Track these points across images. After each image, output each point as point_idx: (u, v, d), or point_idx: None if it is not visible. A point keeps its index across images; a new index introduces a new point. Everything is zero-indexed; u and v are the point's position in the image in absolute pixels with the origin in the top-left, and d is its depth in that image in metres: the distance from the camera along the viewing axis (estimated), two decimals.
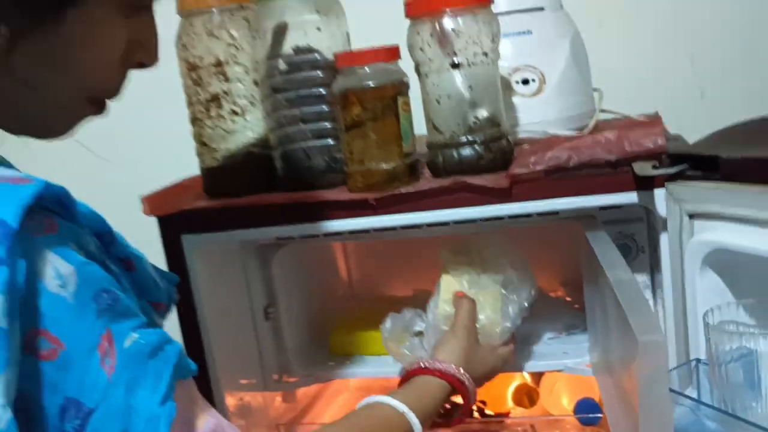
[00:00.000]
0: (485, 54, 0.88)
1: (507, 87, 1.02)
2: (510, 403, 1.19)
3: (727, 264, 0.75)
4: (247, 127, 0.97)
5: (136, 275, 0.63)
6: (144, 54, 0.64)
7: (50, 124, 0.63)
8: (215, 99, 0.96)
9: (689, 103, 1.31)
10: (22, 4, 0.56)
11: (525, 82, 1.03)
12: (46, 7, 0.57)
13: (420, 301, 1.02)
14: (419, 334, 1.00)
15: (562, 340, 1.09)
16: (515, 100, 1.03)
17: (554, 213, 0.90)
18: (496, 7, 0.96)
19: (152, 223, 0.97)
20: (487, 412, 1.18)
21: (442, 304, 0.97)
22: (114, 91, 0.63)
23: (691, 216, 0.77)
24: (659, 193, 0.82)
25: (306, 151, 0.94)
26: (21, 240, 0.51)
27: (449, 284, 0.99)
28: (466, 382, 0.86)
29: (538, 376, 1.19)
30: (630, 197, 0.84)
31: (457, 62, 0.88)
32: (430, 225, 0.92)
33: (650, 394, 0.57)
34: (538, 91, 1.03)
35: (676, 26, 1.31)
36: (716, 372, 0.74)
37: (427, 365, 0.86)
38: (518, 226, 0.96)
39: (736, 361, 0.73)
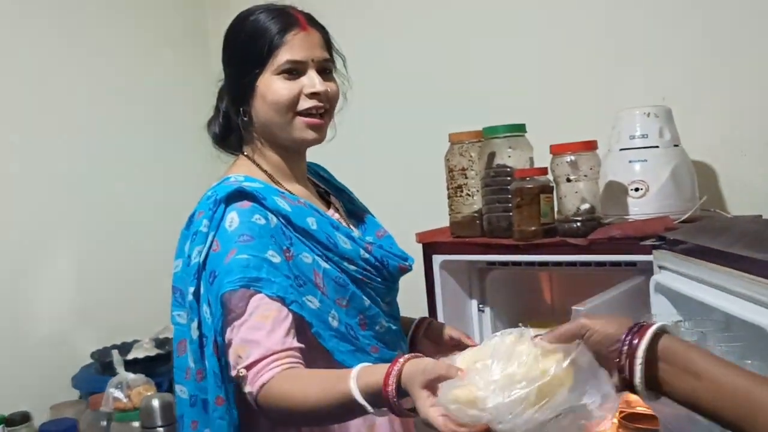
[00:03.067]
0: (586, 175, 1.67)
1: (625, 192, 1.77)
2: None
3: (667, 293, 1.43)
4: (473, 203, 1.87)
5: (311, 238, 1.32)
6: (308, 88, 1.34)
7: (293, 135, 1.36)
8: (460, 187, 1.88)
9: None
10: (236, 95, 1.38)
11: (636, 189, 1.76)
12: (242, 90, 1.36)
13: None
14: None
15: None
16: (629, 200, 1.77)
17: (618, 264, 1.63)
18: (628, 144, 1.74)
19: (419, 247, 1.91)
20: None
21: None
22: (303, 111, 1.35)
23: (661, 267, 1.47)
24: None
25: (497, 218, 1.80)
26: (225, 204, 1.28)
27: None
28: (389, 389, 1.04)
29: None
30: (647, 257, 1.55)
31: (570, 178, 1.68)
32: (554, 264, 1.71)
33: None
34: (643, 195, 1.76)
35: None
36: None
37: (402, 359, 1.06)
38: (594, 271, 1.69)
39: None
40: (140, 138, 2.78)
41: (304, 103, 1.36)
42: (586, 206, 1.69)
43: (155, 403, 1.94)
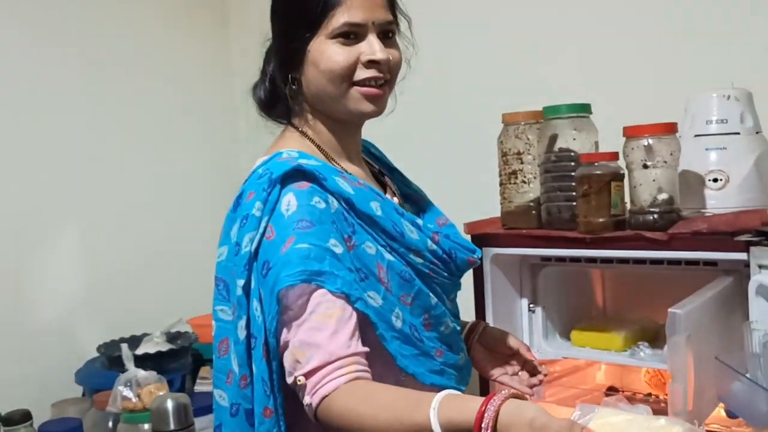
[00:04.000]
0: (665, 161, 1.48)
1: (702, 182, 1.58)
2: None
3: None
4: (529, 191, 1.68)
5: (376, 226, 1.16)
6: (366, 55, 1.17)
7: (349, 108, 1.19)
8: (514, 173, 1.69)
9: None
10: (286, 61, 1.20)
11: (715, 180, 1.58)
12: (294, 54, 1.19)
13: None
14: None
15: None
16: (707, 191, 1.58)
17: (695, 263, 1.45)
18: (705, 130, 1.55)
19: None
20: None
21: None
22: (359, 81, 1.18)
23: (760, 266, 1.28)
24: None
25: (558, 207, 1.62)
26: (281, 184, 1.11)
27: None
28: None
29: None
30: (740, 255, 1.36)
31: (647, 164, 1.49)
32: (619, 260, 1.53)
33: None
34: (723, 187, 1.57)
35: None
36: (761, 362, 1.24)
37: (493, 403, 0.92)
38: (672, 272, 1.51)
39: None
40: (152, 117, 2.61)
41: (362, 73, 1.19)
42: (663, 196, 1.50)
43: (169, 404, 1.75)
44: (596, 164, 1.53)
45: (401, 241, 1.19)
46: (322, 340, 1.04)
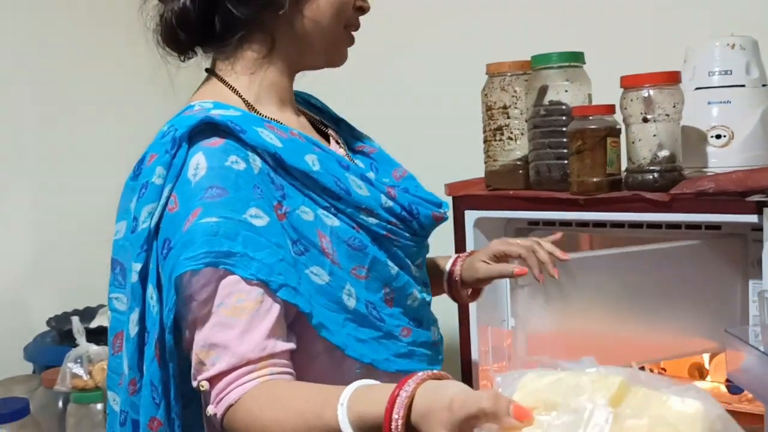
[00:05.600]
0: (667, 114, 1.35)
1: (704, 139, 1.45)
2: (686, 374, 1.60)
3: None
4: (516, 148, 1.54)
5: (314, 184, 0.98)
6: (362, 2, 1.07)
7: (335, 55, 1.08)
8: (499, 129, 1.55)
9: None
10: None
11: (718, 137, 1.45)
12: None
13: None
14: None
15: None
16: (709, 149, 1.45)
17: (697, 227, 1.32)
18: (707, 82, 1.42)
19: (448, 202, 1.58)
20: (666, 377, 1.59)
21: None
22: (355, 25, 1.09)
23: None
24: None
25: (549, 166, 1.48)
26: (187, 143, 0.93)
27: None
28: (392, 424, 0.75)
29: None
30: (749, 218, 1.24)
31: (648, 118, 1.35)
32: (613, 224, 1.40)
33: None
34: (726, 144, 1.44)
35: None
36: None
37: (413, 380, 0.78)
38: (674, 237, 1.38)
39: None
40: (110, 76, 2.43)
41: (352, 17, 1.09)
42: (665, 153, 1.37)
43: None
44: (591, 118, 1.39)
45: (347, 199, 1.02)
46: (230, 340, 0.89)
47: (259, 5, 1.01)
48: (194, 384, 0.92)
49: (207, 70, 1.11)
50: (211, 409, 0.90)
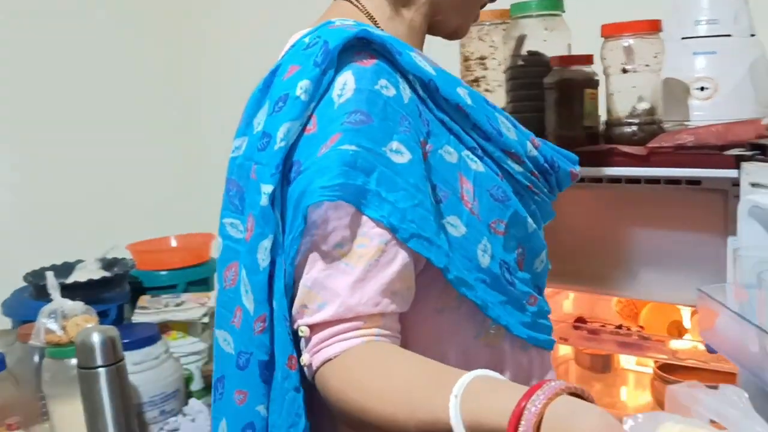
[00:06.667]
0: (647, 65, 1.29)
1: (686, 91, 1.40)
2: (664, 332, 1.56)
3: (763, 218, 1.08)
4: (494, 100, 1.48)
5: (465, 120, 0.90)
6: None
7: (465, 25, 1.05)
8: (476, 80, 1.50)
9: None
10: None
11: (701, 89, 1.40)
12: None
13: None
14: None
15: None
16: (692, 102, 1.40)
17: (677, 181, 1.28)
18: (693, 31, 1.36)
19: None
20: (644, 334, 1.56)
21: None
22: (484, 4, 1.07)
23: (753, 185, 1.11)
24: None
25: (526, 119, 1.42)
26: (338, 59, 0.83)
27: None
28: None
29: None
30: (729, 172, 1.19)
31: (627, 68, 1.30)
32: (591, 179, 1.35)
33: None
34: (710, 97, 1.39)
35: None
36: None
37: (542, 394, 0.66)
38: (653, 191, 1.34)
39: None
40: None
41: None
42: (644, 105, 1.32)
43: (95, 338, 1.58)
44: (569, 69, 1.34)
45: (497, 140, 0.91)
46: (342, 288, 0.80)
47: None
48: (294, 326, 0.84)
49: None
50: (306, 358, 0.82)
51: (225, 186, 0.91)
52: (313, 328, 0.81)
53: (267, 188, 0.83)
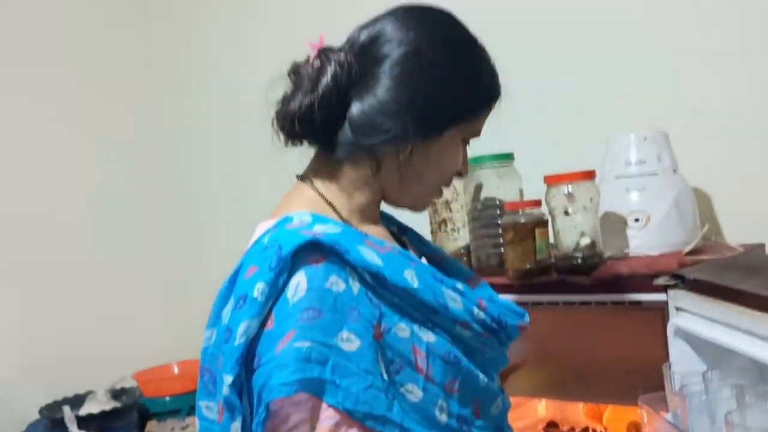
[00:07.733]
0: (585, 207, 1.53)
1: (623, 223, 1.63)
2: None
3: (686, 337, 1.29)
4: (459, 238, 1.72)
5: (413, 300, 0.97)
6: (463, 168, 1.11)
7: (420, 202, 1.11)
8: (444, 221, 1.73)
9: None
10: (423, 132, 1.00)
11: (636, 220, 1.63)
12: (434, 133, 1.02)
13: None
14: None
15: None
16: (629, 231, 1.63)
17: (621, 303, 1.49)
18: (627, 171, 1.60)
19: None
20: None
21: None
22: (448, 185, 1.11)
23: (677, 309, 1.33)
24: None
25: (487, 254, 1.65)
26: (292, 261, 0.92)
27: None
28: None
29: None
30: (659, 296, 1.41)
31: (568, 211, 1.54)
32: (549, 303, 1.57)
33: None
34: (644, 226, 1.62)
35: None
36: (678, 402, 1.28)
37: None
38: (599, 312, 1.55)
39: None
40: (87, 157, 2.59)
41: (449, 179, 1.12)
42: (586, 241, 1.54)
43: None
44: (520, 212, 1.57)
45: (445, 314, 1.00)
46: None
47: (382, 142, 1.01)
48: None
49: (299, 176, 1.10)
50: None
51: (200, 372, 1.00)
52: None
53: (228, 379, 0.91)
